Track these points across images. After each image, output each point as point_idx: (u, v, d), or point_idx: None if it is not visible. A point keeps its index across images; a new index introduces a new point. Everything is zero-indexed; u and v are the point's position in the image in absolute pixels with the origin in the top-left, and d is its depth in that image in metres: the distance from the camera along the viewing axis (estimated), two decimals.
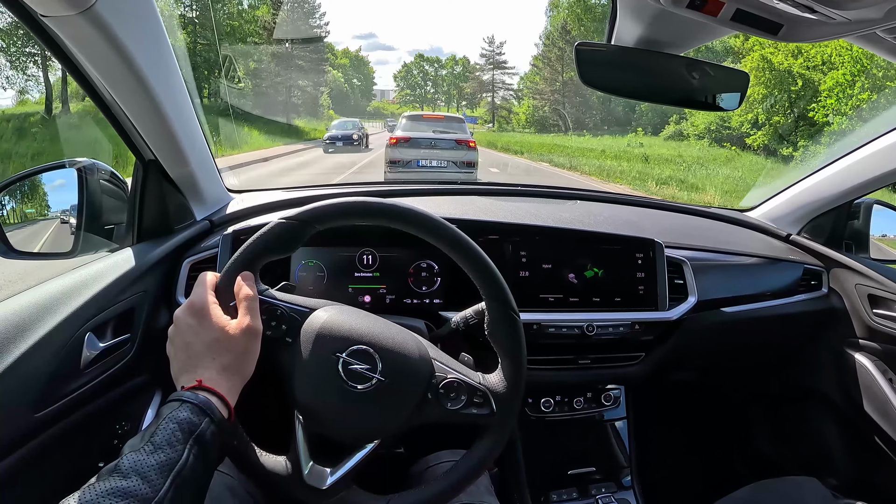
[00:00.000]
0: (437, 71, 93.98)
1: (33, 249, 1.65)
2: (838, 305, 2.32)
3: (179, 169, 1.79)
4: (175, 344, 1.17)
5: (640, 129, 40.45)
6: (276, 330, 1.24)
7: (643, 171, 23.70)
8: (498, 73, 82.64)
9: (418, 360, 1.27)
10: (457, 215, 1.98)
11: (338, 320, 1.27)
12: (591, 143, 37.60)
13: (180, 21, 39.51)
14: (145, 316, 1.67)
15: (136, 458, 0.92)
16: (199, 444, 0.99)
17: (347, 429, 1.24)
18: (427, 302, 1.91)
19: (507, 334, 1.31)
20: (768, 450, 2.73)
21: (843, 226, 2.37)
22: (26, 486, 1.32)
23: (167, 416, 1.00)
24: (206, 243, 1.86)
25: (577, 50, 1.41)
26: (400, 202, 1.29)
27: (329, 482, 1.20)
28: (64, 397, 1.37)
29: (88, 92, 1.51)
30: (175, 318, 1.19)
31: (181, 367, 1.14)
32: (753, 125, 27.53)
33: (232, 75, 40.96)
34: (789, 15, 1.11)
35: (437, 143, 15.02)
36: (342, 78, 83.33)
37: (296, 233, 1.25)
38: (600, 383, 2.19)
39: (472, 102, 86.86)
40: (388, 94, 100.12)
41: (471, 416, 1.28)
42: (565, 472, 2.20)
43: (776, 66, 26.40)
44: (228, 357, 1.14)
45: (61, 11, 1.19)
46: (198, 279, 1.24)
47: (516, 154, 34.14)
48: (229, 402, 1.10)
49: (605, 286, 1.99)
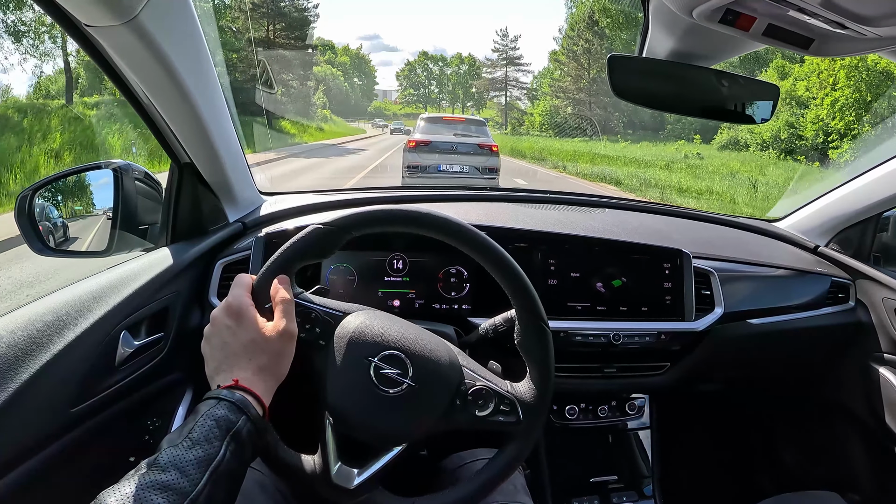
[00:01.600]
0: (443, 70, 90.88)
1: (68, 248, 1.69)
2: (865, 319, 2.29)
3: (214, 172, 1.82)
4: (212, 343, 1.19)
5: (696, 137, 36.49)
6: (310, 332, 1.27)
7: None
8: (512, 69, 78.68)
9: (448, 367, 1.29)
10: (485, 222, 2.00)
11: (371, 325, 1.29)
12: (631, 152, 34.09)
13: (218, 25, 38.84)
14: (178, 315, 1.70)
15: (175, 453, 0.95)
16: (236, 440, 1.02)
17: (376, 431, 1.25)
18: (456, 307, 1.93)
19: (536, 344, 1.33)
20: (791, 464, 2.71)
21: (872, 238, 2.35)
22: (62, 479, 1.36)
23: (205, 412, 1.03)
24: (239, 245, 1.89)
25: (609, 61, 1.42)
26: (433, 210, 1.31)
27: (356, 483, 1.22)
28: (99, 393, 1.41)
29: (128, 97, 1.54)
30: (212, 317, 1.21)
31: (217, 366, 1.16)
32: (839, 135, 24.10)
33: (266, 79, 40.43)
34: (820, 30, 1.12)
35: (458, 147, 14.39)
36: (342, 77, 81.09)
37: (332, 238, 1.27)
38: (625, 392, 2.19)
39: (478, 103, 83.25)
40: (391, 95, 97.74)
41: (497, 423, 1.29)
42: (587, 480, 2.20)
43: (872, 67, 23.38)
44: (264, 358, 1.16)
45: (105, 22, 1.22)
46: (235, 280, 1.26)
47: (548, 165, 29.11)
48: (264, 402, 1.12)
49: (633, 296, 1.99)
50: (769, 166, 24.27)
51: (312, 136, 42.49)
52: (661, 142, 38.85)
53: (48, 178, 1.64)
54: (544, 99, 59.92)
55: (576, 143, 42.99)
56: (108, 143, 17.75)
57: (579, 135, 51.02)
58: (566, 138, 49.91)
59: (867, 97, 23.67)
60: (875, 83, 23.52)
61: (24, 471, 1.21)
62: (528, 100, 73.83)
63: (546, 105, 58.27)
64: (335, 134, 52.75)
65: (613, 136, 46.64)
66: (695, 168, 24.84)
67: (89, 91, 27.16)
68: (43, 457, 1.26)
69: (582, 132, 51.48)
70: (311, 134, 44.05)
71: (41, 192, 1.62)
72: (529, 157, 34.14)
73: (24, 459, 1.22)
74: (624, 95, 1.47)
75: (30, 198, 1.57)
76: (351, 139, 47.38)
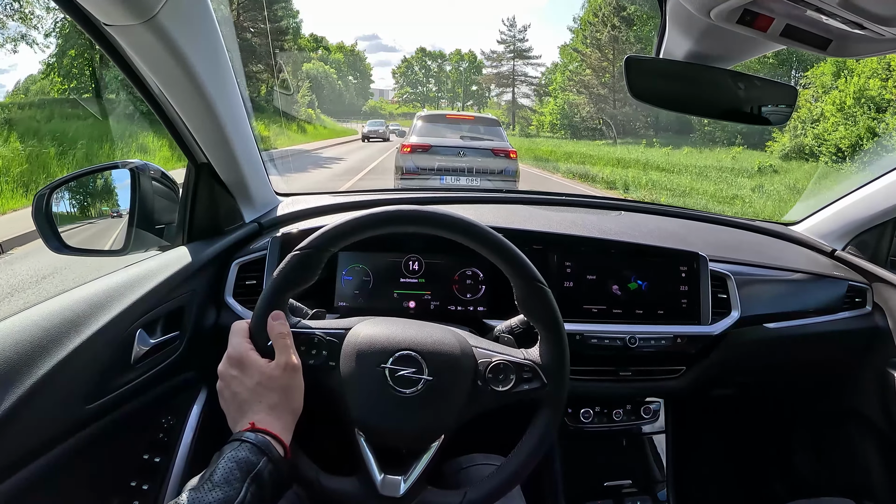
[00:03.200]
0: (441, 67, 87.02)
1: (86, 246, 1.69)
2: (882, 324, 2.27)
3: (231, 172, 1.83)
4: (224, 397, 1.21)
5: (738, 141, 31.79)
6: (317, 357, 1.28)
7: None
8: (520, 63, 72.21)
9: (460, 352, 1.29)
10: (500, 224, 1.99)
11: (375, 333, 1.30)
12: (677, 158, 29.03)
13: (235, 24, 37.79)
14: (194, 315, 1.71)
15: (195, 496, 0.96)
16: (257, 482, 1.02)
17: (408, 435, 1.26)
18: (472, 309, 1.92)
19: (538, 305, 1.33)
20: (806, 470, 2.69)
21: (890, 242, 2.34)
22: (77, 475, 1.36)
23: (227, 455, 1.04)
24: (255, 245, 1.90)
25: (626, 63, 1.42)
26: (402, 206, 1.32)
27: (403, 490, 1.23)
28: (114, 390, 1.41)
29: (145, 96, 1.55)
30: (219, 373, 1.23)
31: (234, 417, 1.18)
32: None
33: (283, 82, 39.87)
34: (838, 31, 1.11)
35: (466, 152, 11.58)
36: (335, 74, 78.12)
37: (312, 260, 1.28)
38: (640, 396, 2.18)
39: (479, 102, 79.37)
40: (388, 94, 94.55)
41: (523, 392, 1.30)
42: (601, 484, 2.19)
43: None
44: (274, 397, 1.17)
45: (124, 21, 1.23)
46: (231, 329, 1.27)
47: (600, 183, 22.91)
48: (283, 439, 1.13)
49: (649, 299, 1.99)
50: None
51: (290, 138, 38.81)
52: (705, 147, 34.95)
53: (65, 177, 1.65)
54: (556, 96, 54.46)
55: (608, 148, 37.65)
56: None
57: (597, 137, 46.41)
58: (583, 140, 45.27)
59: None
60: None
61: (40, 466, 1.22)
62: (535, 97, 68.30)
63: (559, 103, 53.05)
64: (320, 136, 48.06)
65: (636, 139, 42.18)
66: (792, 190, 19.29)
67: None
68: (58, 452, 1.27)
69: (600, 134, 47.20)
70: (289, 136, 40.98)
71: (57, 192, 1.63)
72: (563, 169, 27.47)
73: (40, 454, 1.22)
74: (641, 97, 1.47)
75: (47, 196, 1.58)
76: (331, 143, 40.28)
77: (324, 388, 1.28)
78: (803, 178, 21.52)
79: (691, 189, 20.75)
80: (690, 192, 20.25)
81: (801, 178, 21.51)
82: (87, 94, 24.47)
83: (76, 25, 1.29)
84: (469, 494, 1.26)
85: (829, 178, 21.35)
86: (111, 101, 21.33)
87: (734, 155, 29.35)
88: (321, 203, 2.16)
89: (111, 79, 21.75)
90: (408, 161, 11.48)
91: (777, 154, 27.40)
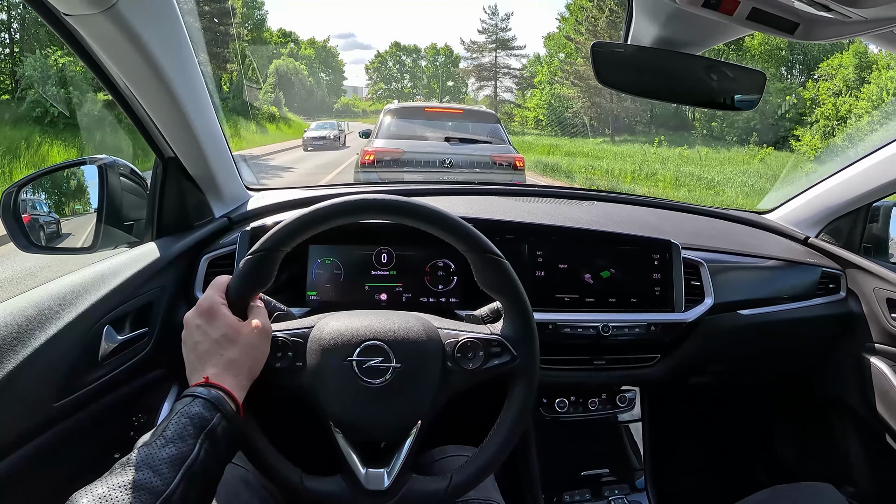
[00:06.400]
0: (416, 61, 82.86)
1: (54, 244, 1.68)
2: (856, 310, 2.30)
3: (199, 166, 1.81)
4: (186, 346, 1.19)
5: (754, 137, 29.53)
6: (284, 360, 1.26)
7: None
8: (503, 54, 67.35)
9: (426, 336, 1.29)
10: (473, 214, 1.99)
11: (338, 327, 1.29)
12: (701, 160, 26.00)
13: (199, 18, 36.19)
14: (163, 310, 1.70)
15: (148, 452, 0.95)
16: (211, 439, 1.01)
17: (385, 424, 1.26)
18: (444, 301, 1.92)
19: (496, 276, 1.33)
20: (785, 456, 2.71)
21: (863, 229, 2.36)
22: (46, 474, 1.35)
23: (179, 411, 1.02)
24: (225, 240, 1.88)
25: (592, 49, 1.42)
26: (351, 196, 1.31)
27: (388, 482, 1.23)
28: (82, 388, 1.40)
29: (109, 89, 1.54)
30: (185, 321, 1.22)
31: (191, 368, 1.16)
32: None
33: (252, 75, 38.93)
34: (806, 14, 1.11)
35: (455, 162, 8.40)
36: (306, 70, 74.55)
37: (266, 262, 1.26)
38: (616, 385, 2.19)
39: (456, 97, 75.47)
40: (361, 91, 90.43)
41: (494, 367, 1.30)
42: (579, 473, 2.19)
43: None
44: (235, 351, 1.16)
45: (83, 10, 1.22)
46: (210, 283, 1.27)
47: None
48: (235, 396, 1.11)
49: (621, 287, 1.99)
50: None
51: (247, 140, 35.54)
52: (720, 146, 31.39)
53: (33, 174, 1.64)
54: (543, 89, 50.02)
55: (611, 148, 33.91)
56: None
57: (589, 133, 43.01)
58: (577, 138, 41.78)
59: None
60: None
61: (7, 465, 1.21)
62: (518, 90, 65.01)
63: (545, 97, 48.96)
64: (284, 136, 42.47)
65: (634, 136, 39.50)
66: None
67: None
68: (26, 451, 1.26)
69: (592, 130, 43.61)
70: (246, 138, 36.66)
71: (25, 189, 1.62)
72: (581, 179, 23.29)
73: (7, 454, 1.21)
74: (610, 84, 1.47)
75: (14, 195, 1.57)
76: (286, 146, 33.41)
77: (295, 390, 1.27)
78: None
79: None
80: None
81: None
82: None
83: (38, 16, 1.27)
84: (455, 478, 1.26)
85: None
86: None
87: (762, 157, 27.06)
88: (292, 197, 2.14)
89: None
90: (371, 176, 8.32)
91: (811, 156, 25.06)
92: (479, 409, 1.48)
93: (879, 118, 21.29)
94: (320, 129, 32.70)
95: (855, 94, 25.11)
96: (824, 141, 24.95)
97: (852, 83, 25.49)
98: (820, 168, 2.40)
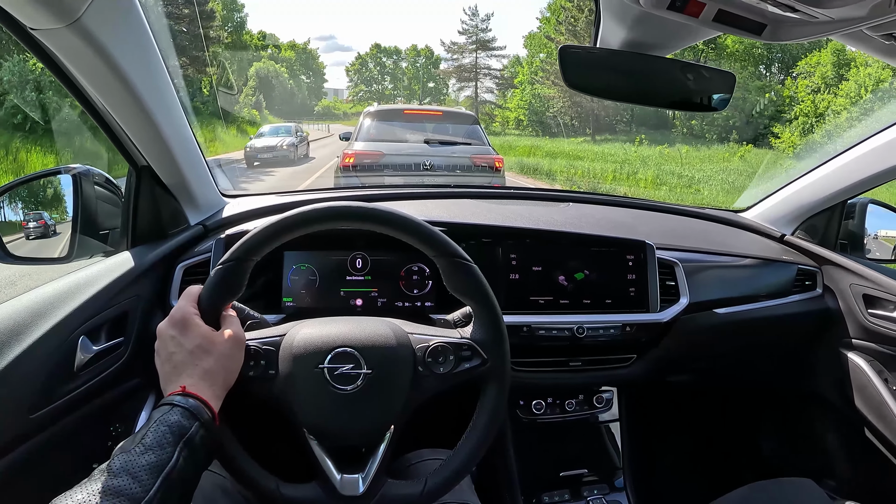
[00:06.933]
0: (397, 63, 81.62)
1: (29, 255, 1.67)
2: (833, 306, 2.31)
3: (172, 175, 1.81)
4: (160, 356, 1.20)
5: (734, 136, 29.81)
6: (256, 368, 1.27)
7: None
8: (483, 55, 66.96)
9: (396, 341, 1.30)
10: (445, 218, 2.00)
11: (309, 334, 1.30)
12: (681, 159, 26.05)
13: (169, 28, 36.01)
14: (139, 320, 1.69)
15: (127, 459, 0.95)
16: (189, 446, 1.02)
17: (358, 430, 1.27)
18: (419, 305, 1.92)
19: (464, 280, 1.34)
20: (765, 452, 2.72)
21: (838, 225, 2.37)
22: (22, 486, 1.35)
23: (158, 419, 1.03)
24: (200, 248, 1.88)
25: (560, 53, 1.42)
26: (318, 204, 1.32)
27: (363, 487, 1.24)
28: (58, 399, 1.40)
29: (80, 100, 1.53)
30: (158, 331, 1.22)
31: (166, 378, 1.17)
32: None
33: (226, 81, 38.27)
34: (772, 14, 1.12)
35: (435, 164, 8.59)
36: (287, 73, 73.57)
37: (236, 271, 1.27)
38: (593, 385, 2.20)
39: (437, 99, 74.92)
40: (342, 94, 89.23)
41: (465, 371, 1.31)
42: (557, 474, 2.20)
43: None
44: (210, 361, 1.16)
45: (49, 25, 1.22)
46: (182, 293, 1.27)
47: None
48: (212, 406, 1.12)
49: (596, 288, 2.00)
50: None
51: (228, 144, 33.01)
52: (701, 144, 31.69)
53: (6, 185, 1.64)
54: (523, 88, 50.46)
55: (592, 147, 34.25)
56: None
57: (570, 133, 43.25)
58: (557, 138, 41.77)
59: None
60: None
61: None
62: (499, 90, 64.84)
63: (526, 97, 49.50)
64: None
65: (615, 135, 39.77)
66: None
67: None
68: (4, 464, 1.26)
69: (573, 130, 43.99)
70: (227, 142, 33.98)
71: (2, 200, 1.62)
72: (563, 179, 23.52)
73: None
74: (579, 87, 1.47)
75: None
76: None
77: (268, 398, 1.27)
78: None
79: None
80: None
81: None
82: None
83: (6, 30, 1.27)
84: (430, 481, 1.27)
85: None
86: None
87: (742, 154, 27.36)
88: (268, 203, 2.14)
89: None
90: (351, 180, 8.56)
91: (790, 154, 25.86)
92: (456, 413, 1.48)
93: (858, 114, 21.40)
94: (272, 135, 25.37)
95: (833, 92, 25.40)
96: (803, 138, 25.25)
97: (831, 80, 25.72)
98: (799, 164, 2.42)
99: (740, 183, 20.72)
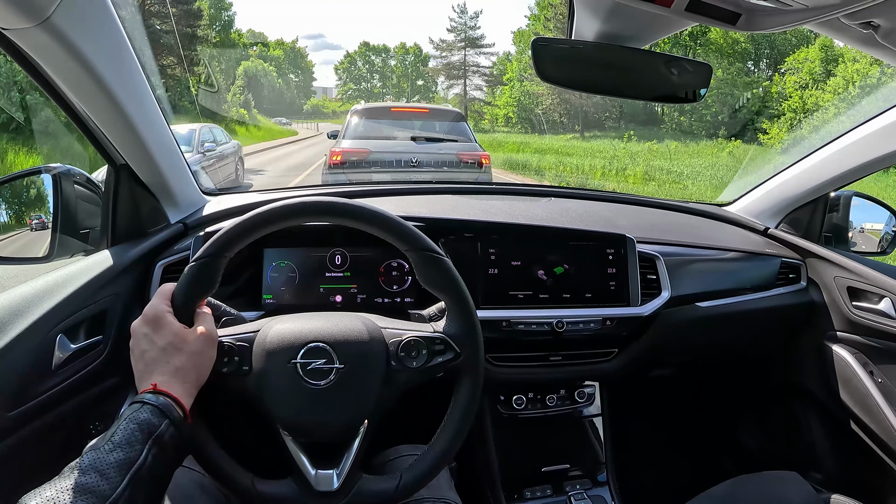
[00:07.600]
0: (386, 61, 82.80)
1: (8, 255, 1.67)
2: (817, 298, 2.32)
3: (150, 173, 1.81)
4: (134, 354, 1.21)
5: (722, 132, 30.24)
6: (230, 364, 1.27)
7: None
8: (472, 52, 67.26)
9: (368, 336, 1.31)
10: (425, 214, 2.00)
11: (282, 330, 1.30)
12: (670, 154, 26.16)
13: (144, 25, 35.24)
14: (118, 318, 1.69)
15: (96, 456, 0.96)
16: (158, 444, 1.03)
17: (331, 425, 1.27)
18: (399, 301, 1.93)
19: (436, 274, 1.35)
20: (750, 446, 2.73)
21: (822, 218, 2.37)
22: (2, 483, 1.34)
23: (128, 416, 1.04)
24: (179, 246, 1.88)
25: (533, 46, 1.42)
26: (288, 201, 1.32)
27: (338, 482, 1.24)
28: (36, 397, 1.40)
29: (56, 99, 1.53)
30: (132, 330, 1.23)
31: (139, 375, 1.18)
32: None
33: (206, 78, 38.04)
34: (746, 3, 1.11)
35: (421, 161, 8.63)
36: (275, 72, 73.94)
37: (209, 269, 1.27)
38: (575, 380, 2.19)
39: (426, 97, 75.57)
40: (331, 92, 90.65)
41: (438, 365, 1.32)
42: (539, 470, 2.20)
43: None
44: (182, 358, 1.17)
45: (19, 24, 1.21)
46: (157, 291, 1.28)
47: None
48: (183, 404, 1.13)
49: (576, 283, 1.99)
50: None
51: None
52: (692, 141, 31.98)
53: None
54: (512, 86, 50.75)
55: (580, 144, 34.35)
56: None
57: (559, 130, 44.28)
58: (547, 135, 41.72)
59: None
60: None
61: None
62: (488, 88, 64.59)
63: (514, 94, 49.98)
64: (253, 138, 40.06)
65: (604, 132, 40.23)
66: None
67: None
68: None
69: (562, 127, 45.05)
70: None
71: None
72: (551, 176, 23.54)
73: None
74: (552, 80, 1.47)
75: None
76: (255, 150, 30.17)
77: (242, 394, 1.28)
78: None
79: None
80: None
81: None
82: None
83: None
84: (405, 476, 1.28)
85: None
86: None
87: (730, 150, 27.54)
88: (249, 201, 2.14)
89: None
90: (338, 178, 8.66)
91: (778, 148, 25.43)
92: (433, 409, 1.48)
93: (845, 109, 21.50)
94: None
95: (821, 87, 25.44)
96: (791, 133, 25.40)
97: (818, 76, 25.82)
98: (786, 159, 2.42)
99: (728, 178, 20.72)
